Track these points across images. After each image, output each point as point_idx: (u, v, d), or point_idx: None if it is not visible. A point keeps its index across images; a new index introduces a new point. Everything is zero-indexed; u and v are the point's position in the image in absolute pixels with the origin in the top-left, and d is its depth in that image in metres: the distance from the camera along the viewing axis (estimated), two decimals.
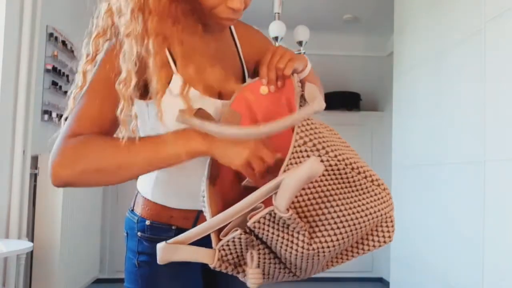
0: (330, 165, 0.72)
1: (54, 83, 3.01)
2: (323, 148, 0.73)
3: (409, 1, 2.95)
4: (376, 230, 0.74)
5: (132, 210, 0.97)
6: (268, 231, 0.67)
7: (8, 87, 2.51)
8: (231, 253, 0.72)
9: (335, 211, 0.69)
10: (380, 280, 4.24)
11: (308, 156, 0.72)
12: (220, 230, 0.71)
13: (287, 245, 0.68)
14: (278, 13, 3.14)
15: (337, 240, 0.69)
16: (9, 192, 2.54)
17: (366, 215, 0.70)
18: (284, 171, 0.70)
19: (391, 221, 0.74)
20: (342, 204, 0.70)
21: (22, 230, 2.59)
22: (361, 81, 4.59)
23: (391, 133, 3.16)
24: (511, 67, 1.81)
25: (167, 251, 0.68)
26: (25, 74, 2.59)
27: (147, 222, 0.93)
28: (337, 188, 0.72)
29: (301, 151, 0.72)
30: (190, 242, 0.71)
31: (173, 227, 0.93)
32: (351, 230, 0.69)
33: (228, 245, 0.70)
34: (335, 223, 0.69)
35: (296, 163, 0.71)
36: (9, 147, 2.54)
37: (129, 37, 0.77)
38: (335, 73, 4.57)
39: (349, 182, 0.72)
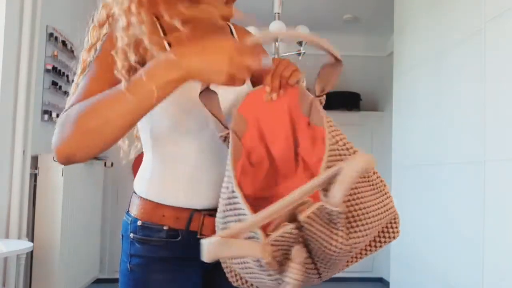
0: None
1: (54, 83, 3.01)
2: (351, 147, 0.76)
3: (409, 1, 2.95)
4: (387, 227, 0.79)
5: (128, 211, 0.96)
6: (313, 226, 0.65)
7: (8, 87, 2.51)
8: (278, 249, 0.67)
9: (364, 207, 0.72)
10: (380, 280, 4.24)
11: (340, 154, 0.74)
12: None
13: (327, 241, 0.66)
14: (278, 13, 3.14)
15: (366, 235, 0.70)
16: (9, 192, 2.54)
17: (384, 212, 0.74)
18: (327, 168, 0.69)
19: (398, 217, 0.81)
20: (369, 201, 0.73)
21: (22, 230, 2.59)
22: (361, 81, 4.59)
23: (391, 133, 3.16)
24: (511, 67, 1.81)
25: (218, 247, 0.60)
26: (25, 74, 2.59)
27: (139, 223, 0.91)
28: (363, 186, 0.75)
29: (334, 149, 0.75)
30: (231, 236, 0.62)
31: (164, 228, 0.90)
32: (374, 226, 0.72)
33: (277, 240, 0.65)
34: (365, 219, 0.71)
35: (333, 160, 0.73)
36: (9, 147, 2.54)
37: (121, 14, 0.80)
38: None
39: (369, 181, 0.76)
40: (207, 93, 0.81)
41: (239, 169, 0.79)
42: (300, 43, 3.24)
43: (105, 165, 3.67)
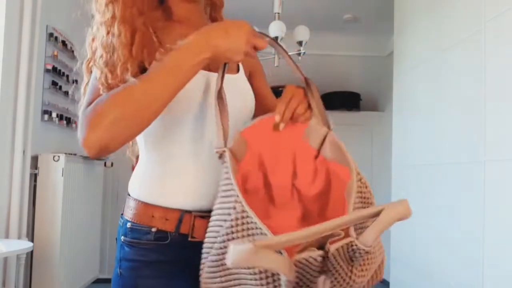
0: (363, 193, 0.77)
1: (54, 83, 3.01)
2: (363, 177, 0.79)
3: (409, 1, 2.95)
4: (379, 267, 0.77)
5: (122, 214, 0.94)
6: (336, 259, 0.64)
7: (8, 87, 2.51)
8: (299, 272, 0.65)
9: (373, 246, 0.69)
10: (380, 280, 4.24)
11: (365, 198, 0.78)
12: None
13: (342, 277, 0.66)
14: (278, 13, 3.14)
15: (369, 274, 0.70)
16: (9, 192, 2.54)
17: (380, 248, 0.74)
18: (354, 208, 0.73)
19: (385, 258, 0.79)
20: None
21: (22, 230, 2.59)
22: (361, 81, 4.59)
23: (391, 133, 3.16)
24: (511, 67, 1.81)
25: (249, 254, 0.57)
26: (25, 74, 2.59)
27: (128, 225, 0.89)
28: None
29: (361, 192, 0.78)
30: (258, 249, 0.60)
31: (152, 229, 0.87)
32: (376, 263, 0.71)
33: (301, 262, 0.64)
34: (372, 258, 0.69)
35: (359, 202, 0.76)
36: (9, 147, 2.54)
37: (102, 25, 0.84)
38: (335, 73, 4.57)
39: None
40: (220, 103, 0.83)
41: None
42: (300, 43, 3.24)
43: (105, 165, 3.67)
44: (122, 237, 0.90)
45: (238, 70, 1.00)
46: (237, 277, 0.72)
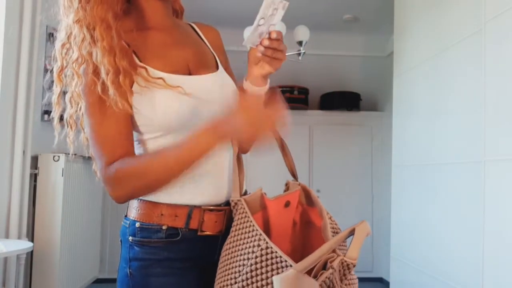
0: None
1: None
2: (331, 216, 0.96)
3: (409, 1, 2.95)
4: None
5: (126, 216, 0.95)
6: (334, 276, 0.77)
7: (8, 87, 2.51)
8: None
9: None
10: (380, 280, 4.24)
11: (333, 227, 0.94)
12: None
13: None
14: None
15: None
16: (9, 192, 2.54)
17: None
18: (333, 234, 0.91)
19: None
20: None
21: (22, 230, 2.59)
22: (361, 81, 4.59)
23: (391, 133, 3.16)
24: (511, 67, 1.81)
25: (294, 280, 0.70)
26: (25, 74, 2.59)
27: (137, 224, 0.90)
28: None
29: (331, 223, 0.94)
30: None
31: (163, 227, 0.89)
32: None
33: (324, 281, 0.75)
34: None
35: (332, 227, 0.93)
36: (9, 147, 2.54)
37: (78, 23, 0.86)
38: (335, 73, 4.57)
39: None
40: (239, 163, 0.92)
41: None
42: (300, 43, 3.24)
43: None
44: (131, 238, 0.91)
45: (217, 67, 1.01)
46: None
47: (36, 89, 2.71)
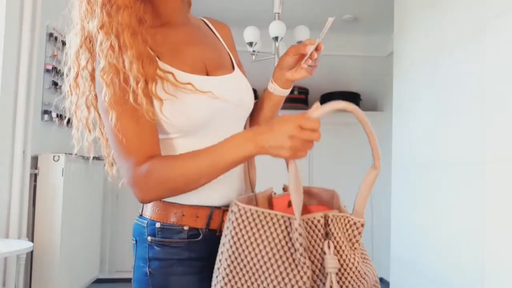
0: None
1: (54, 83, 3.01)
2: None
3: (409, 1, 2.95)
4: None
5: (141, 215, 0.95)
6: (335, 228, 0.81)
7: (8, 87, 2.51)
8: (308, 233, 0.81)
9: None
10: (380, 280, 4.23)
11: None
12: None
13: (345, 253, 0.84)
14: (278, 13, 3.14)
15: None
16: (9, 192, 2.54)
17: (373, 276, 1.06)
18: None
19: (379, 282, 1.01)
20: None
21: (22, 230, 2.60)
22: (361, 81, 4.59)
23: (391, 133, 3.16)
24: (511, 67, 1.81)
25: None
26: (25, 74, 2.59)
27: (158, 225, 0.90)
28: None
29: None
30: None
31: (185, 228, 0.90)
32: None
33: (307, 223, 0.79)
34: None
35: None
36: (9, 147, 2.54)
37: (102, 29, 0.83)
38: (335, 73, 4.57)
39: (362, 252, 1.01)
40: (250, 160, 0.99)
41: None
42: (300, 43, 3.24)
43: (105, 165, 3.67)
44: (150, 238, 0.91)
45: (233, 67, 1.01)
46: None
47: (36, 89, 2.71)
